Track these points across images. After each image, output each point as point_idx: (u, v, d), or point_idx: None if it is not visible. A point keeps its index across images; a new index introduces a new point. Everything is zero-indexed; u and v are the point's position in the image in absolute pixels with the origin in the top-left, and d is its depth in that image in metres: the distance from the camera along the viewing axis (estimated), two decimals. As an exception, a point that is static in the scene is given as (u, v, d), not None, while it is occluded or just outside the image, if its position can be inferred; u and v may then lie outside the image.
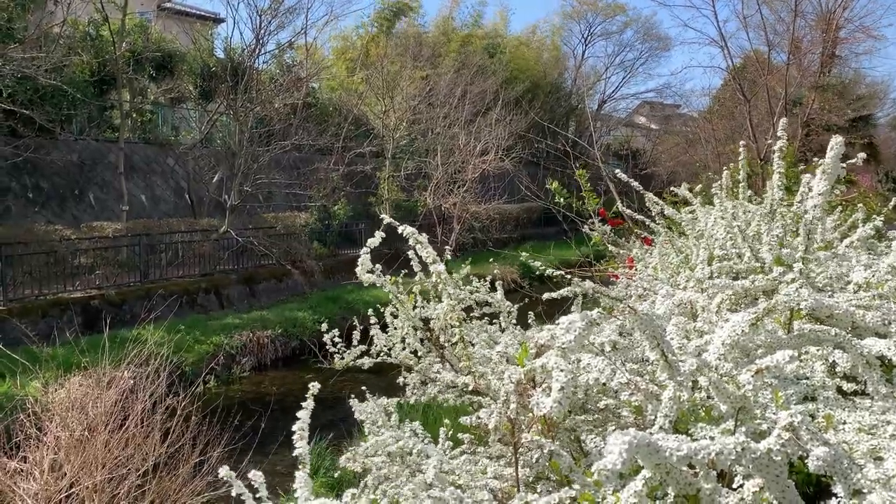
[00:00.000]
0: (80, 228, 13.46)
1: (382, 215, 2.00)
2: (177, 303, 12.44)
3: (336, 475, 6.08)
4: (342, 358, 2.74)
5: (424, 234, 1.81)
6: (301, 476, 1.37)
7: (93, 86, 15.92)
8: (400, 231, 1.79)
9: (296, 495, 1.37)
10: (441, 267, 1.75)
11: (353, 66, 25.06)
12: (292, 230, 16.74)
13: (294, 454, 1.54)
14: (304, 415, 1.55)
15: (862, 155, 2.68)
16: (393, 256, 3.09)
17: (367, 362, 2.63)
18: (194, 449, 4.91)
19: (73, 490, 4.33)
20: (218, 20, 24.63)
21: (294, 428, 1.53)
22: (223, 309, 13.99)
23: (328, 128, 19.67)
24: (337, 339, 2.81)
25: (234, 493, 1.43)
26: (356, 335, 2.87)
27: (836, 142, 1.98)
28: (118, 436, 4.69)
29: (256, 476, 1.41)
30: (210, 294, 14.09)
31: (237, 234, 15.15)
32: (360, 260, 1.82)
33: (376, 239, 1.81)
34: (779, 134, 2.36)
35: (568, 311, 1.89)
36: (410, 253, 2.06)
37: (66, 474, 4.39)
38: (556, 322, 1.49)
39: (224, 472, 1.41)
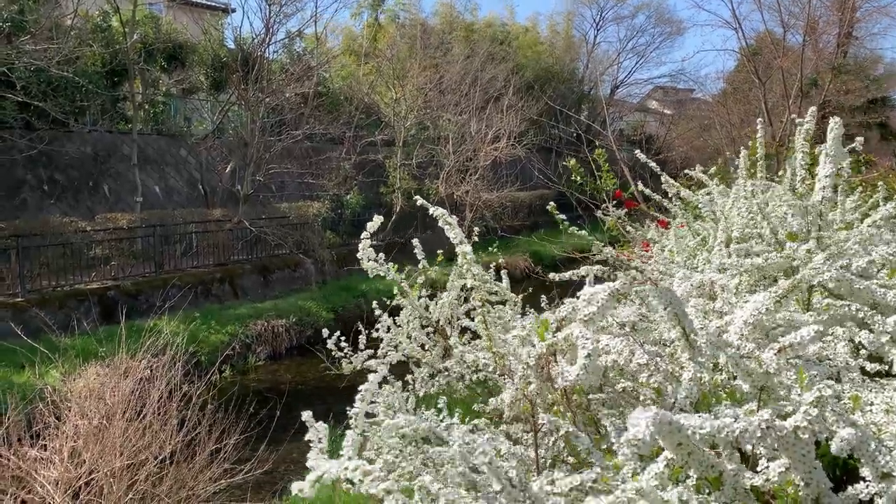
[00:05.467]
0: (95, 220, 13.53)
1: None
2: (192, 293, 12.51)
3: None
4: (350, 363, 2.73)
5: (454, 216, 1.80)
6: (350, 435, 1.38)
7: (105, 77, 15.96)
8: (431, 212, 1.78)
9: (342, 453, 1.39)
10: (468, 248, 1.74)
11: (360, 52, 24.99)
12: (305, 220, 16.75)
13: (350, 413, 1.52)
14: (369, 386, 1.54)
15: (860, 139, 2.65)
16: (403, 245, 3.09)
17: (374, 363, 2.62)
18: (210, 437, 4.94)
19: (91, 477, 4.38)
20: (227, 10, 24.60)
21: (357, 398, 1.53)
22: (238, 299, 14.06)
23: (339, 117, 19.62)
24: (343, 344, 2.79)
25: (305, 438, 1.45)
26: (362, 339, 2.85)
27: (834, 124, 1.93)
28: (135, 424, 4.73)
29: (321, 427, 1.42)
30: (224, 284, 14.16)
31: (250, 224, 15.19)
32: (360, 245, 1.80)
33: (375, 223, 1.79)
34: (807, 118, 2.32)
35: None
36: (415, 240, 2.05)
37: (84, 462, 4.44)
38: (577, 295, 1.47)
39: (306, 415, 1.41)
